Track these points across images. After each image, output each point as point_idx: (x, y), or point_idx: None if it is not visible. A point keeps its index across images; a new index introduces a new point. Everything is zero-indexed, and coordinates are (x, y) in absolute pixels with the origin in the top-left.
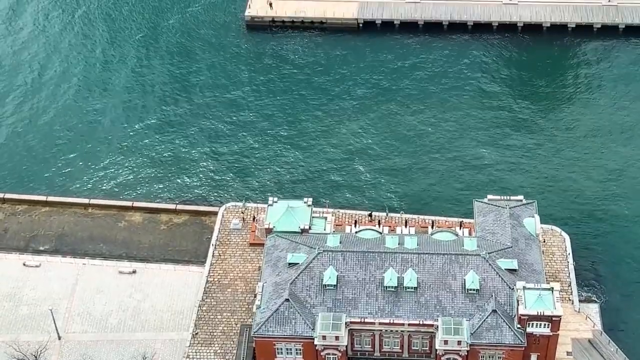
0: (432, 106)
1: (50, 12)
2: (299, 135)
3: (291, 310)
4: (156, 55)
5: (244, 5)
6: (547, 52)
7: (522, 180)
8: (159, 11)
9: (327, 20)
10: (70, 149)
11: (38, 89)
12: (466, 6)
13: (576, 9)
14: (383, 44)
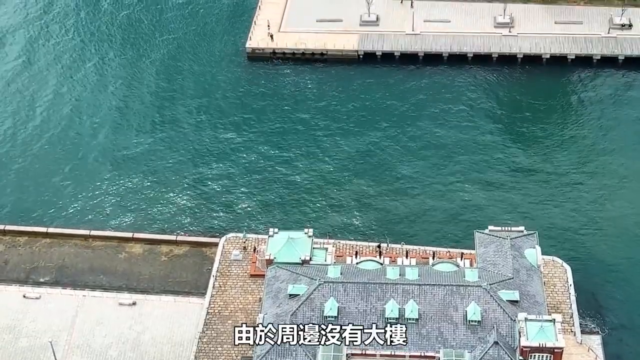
0: (434, 137)
1: (40, 40)
2: (299, 166)
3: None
4: (156, 86)
5: (245, 37)
6: (547, 83)
7: (523, 210)
8: (159, 41)
9: (327, 51)
10: (71, 180)
11: (33, 119)
12: (466, 38)
13: (575, 41)
14: (383, 75)
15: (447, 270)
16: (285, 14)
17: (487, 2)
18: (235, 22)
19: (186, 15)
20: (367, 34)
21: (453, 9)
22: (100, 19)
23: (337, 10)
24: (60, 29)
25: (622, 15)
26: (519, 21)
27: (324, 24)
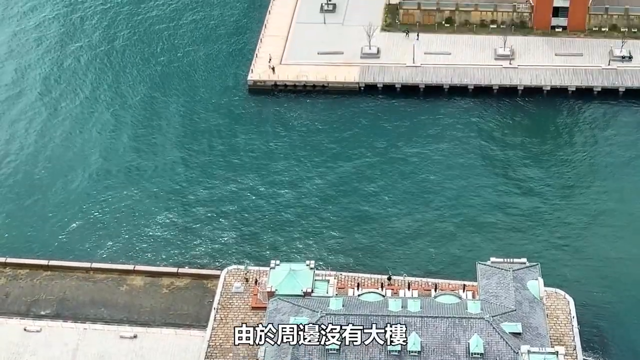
0: (433, 168)
1: (33, 70)
2: (299, 197)
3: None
4: (157, 118)
5: (247, 70)
6: (548, 114)
7: (525, 242)
8: (160, 73)
9: (329, 84)
10: (71, 213)
11: (30, 150)
12: (466, 70)
13: (576, 73)
14: (384, 107)
15: (450, 303)
16: (287, 47)
17: (487, 35)
18: (237, 55)
19: (188, 48)
20: (368, 66)
21: (453, 42)
22: (99, 50)
23: (338, 43)
24: (57, 60)
25: (622, 48)
26: (519, 53)
27: (325, 56)
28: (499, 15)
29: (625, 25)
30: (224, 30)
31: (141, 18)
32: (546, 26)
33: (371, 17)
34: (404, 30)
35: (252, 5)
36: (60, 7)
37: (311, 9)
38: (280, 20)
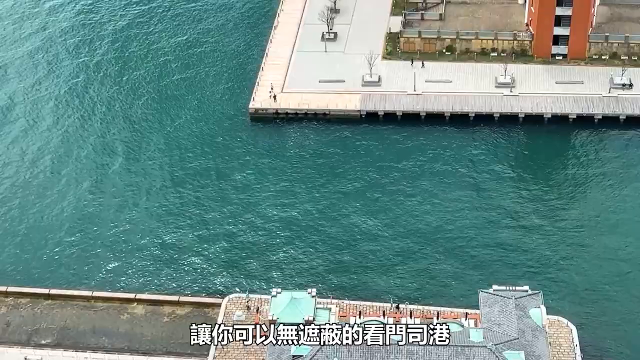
0: (433, 196)
1: (40, 105)
2: (301, 225)
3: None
4: (158, 146)
5: (249, 98)
6: (549, 142)
7: (527, 270)
8: (161, 101)
9: (330, 111)
10: (72, 241)
11: (33, 178)
12: (467, 97)
13: (577, 100)
14: (385, 134)
15: (452, 331)
16: (288, 75)
17: (488, 63)
18: (238, 83)
19: (189, 76)
20: (369, 94)
21: (454, 69)
22: (104, 78)
23: (339, 71)
24: (51, 90)
25: (623, 75)
26: (520, 81)
27: (326, 84)
28: (500, 43)
29: (625, 53)
30: (226, 58)
31: (142, 46)
32: (547, 54)
33: (372, 45)
34: (409, 59)
35: (253, 33)
36: (55, 36)
37: (312, 37)
38: (282, 48)
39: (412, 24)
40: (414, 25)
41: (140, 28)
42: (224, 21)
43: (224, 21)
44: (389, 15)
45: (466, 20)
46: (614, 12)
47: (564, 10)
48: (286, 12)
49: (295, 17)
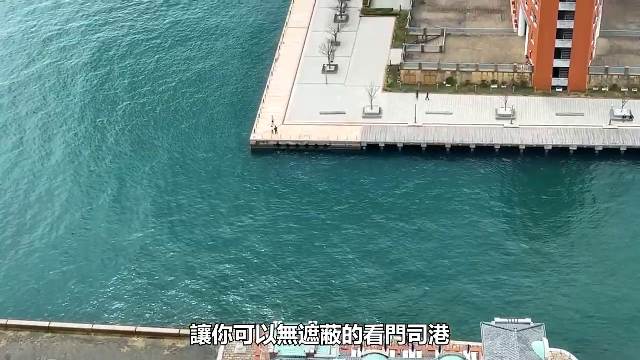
0: (436, 228)
1: (39, 133)
2: (302, 257)
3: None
4: (159, 178)
5: (250, 130)
6: (550, 174)
7: (529, 302)
8: (162, 132)
9: (331, 143)
10: (72, 274)
11: (30, 209)
12: (468, 129)
13: (577, 132)
14: (386, 166)
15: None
16: (289, 107)
17: (488, 95)
18: (239, 116)
19: (191, 108)
20: (370, 126)
21: (455, 102)
22: (102, 108)
23: (340, 103)
24: (65, 124)
25: (623, 107)
26: (520, 113)
27: (327, 116)
28: (500, 75)
29: (625, 85)
30: (227, 90)
31: (142, 78)
32: (547, 86)
33: (373, 77)
34: (414, 91)
35: (254, 66)
36: (55, 59)
37: (313, 69)
38: (283, 81)
39: (413, 56)
40: (415, 57)
41: (141, 60)
42: (225, 54)
43: (225, 54)
44: (390, 48)
45: (466, 53)
46: (614, 45)
47: (563, 42)
48: (287, 45)
49: (296, 49)
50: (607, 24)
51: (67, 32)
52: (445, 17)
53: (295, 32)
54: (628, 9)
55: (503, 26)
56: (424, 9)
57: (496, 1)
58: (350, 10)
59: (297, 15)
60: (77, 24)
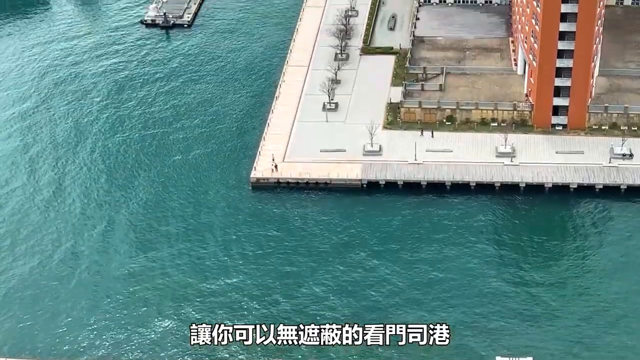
0: (434, 266)
1: (39, 175)
2: (302, 295)
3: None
4: (159, 214)
5: (250, 167)
6: (550, 212)
7: (530, 340)
8: (163, 170)
9: (331, 181)
10: (64, 311)
11: (18, 245)
12: (468, 167)
13: (577, 170)
14: (386, 204)
15: None
16: (290, 144)
17: (488, 133)
18: (240, 153)
19: (191, 145)
20: (370, 163)
21: (455, 139)
22: (102, 147)
23: (340, 141)
24: (70, 166)
25: (623, 146)
26: (520, 151)
27: (327, 154)
28: (500, 113)
29: (625, 123)
30: (227, 128)
31: (143, 118)
32: (546, 124)
33: (373, 115)
34: (418, 129)
35: (254, 103)
36: (52, 98)
37: (313, 107)
38: (283, 118)
39: (413, 94)
40: (415, 95)
41: (142, 100)
42: (226, 92)
43: (226, 91)
44: (390, 86)
45: (466, 91)
46: (613, 83)
47: (563, 81)
48: (288, 82)
49: (297, 88)
50: (606, 63)
51: (61, 68)
52: (445, 55)
53: (295, 70)
54: (627, 48)
55: (502, 65)
56: (424, 48)
57: (495, 40)
58: (351, 49)
59: (297, 54)
60: (74, 59)
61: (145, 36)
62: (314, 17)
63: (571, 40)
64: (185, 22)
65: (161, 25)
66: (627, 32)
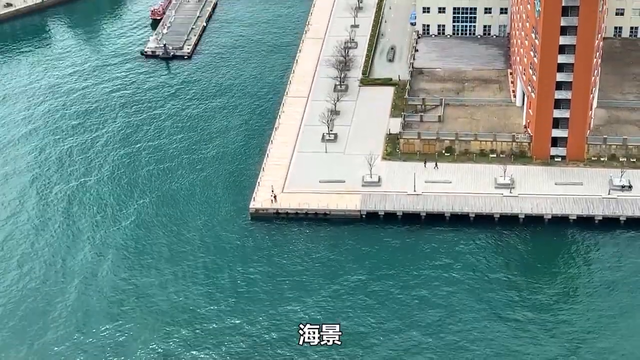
0: (432, 299)
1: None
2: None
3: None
4: (158, 245)
5: (250, 198)
6: (549, 243)
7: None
8: (161, 200)
9: (330, 212)
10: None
11: (18, 282)
12: (467, 198)
13: (577, 201)
14: (386, 235)
15: None
16: (289, 175)
17: (487, 164)
18: (239, 183)
19: (190, 175)
20: (369, 194)
21: (454, 170)
22: (103, 179)
23: (339, 172)
24: (64, 193)
25: (622, 177)
26: (519, 182)
27: (326, 184)
28: (499, 145)
29: (624, 155)
30: (227, 158)
31: (142, 148)
32: (545, 156)
33: (372, 146)
34: (422, 160)
35: (254, 134)
36: (55, 135)
37: (313, 138)
38: (283, 149)
39: (412, 125)
40: (414, 126)
41: (141, 130)
42: (225, 122)
43: (226, 122)
44: (389, 117)
45: (465, 122)
46: (612, 115)
47: (561, 112)
48: (287, 113)
49: (296, 118)
50: (605, 95)
51: (59, 98)
52: (444, 86)
53: (295, 101)
54: (625, 80)
55: (501, 96)
56: (423, 79)
57: (494, 72)
58: (350, 80)
59: (297, 85)
60: (73, 89)
61: (145, 67)
62: (313, 49)
63: (570, 72)
64: (185, 53)
65: (161, 57)
66: (625, 64)
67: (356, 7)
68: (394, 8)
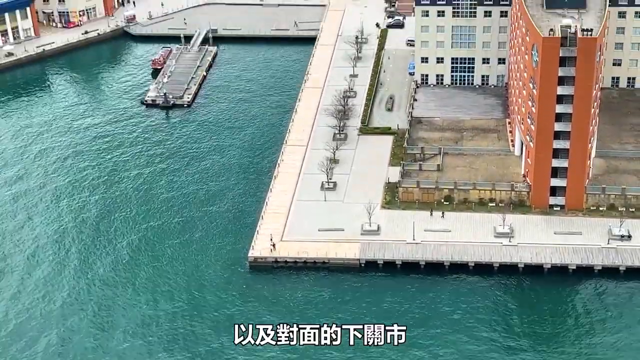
0: (431, 349)
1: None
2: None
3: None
4: (155, 295)
5: (248, 247)
6: (549, 293)
7: None
8: (158, 250)
9: (329, 260)
10: None
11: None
12: (466, 247)
13: (576, 251)
14: (385, 284)
15: None
16: (288, 223)
17: (486, 213)
18: (238, 232)
19: (188, 224)
20: (368, 243)
21: (453, 219)
22: (105, 225)
23: (338, 220)
24: (64, 243)
25: (621, 227)
26: (518, 231)
27: (325, 233)
28: (498, 194)
29: (623, 204)
30: (225, 207)
31: (141, 198)
32: (544, 205)
33: (371, 195)
34: (422, 209)
35: (253, 182)
36: (44, 184)
37: (312, 186)
38: (281, 197)
39: (411, 174)
40: (413, 175)
41: (140, 180)
42: (224, 170)
43: (225, 170)
44: (388, 166)
45: (464, 171)
46: (610, 165)
47: (560, 162)
48: (286, 162)
49: (295, 167)
50: (603, 144)
51: (59, 147)
52: (442, 136)
53: (294, 149)
54: (623, 130)
55: (500, 145)
56: (421, 128)
57: (492, 121)
58: (349, 129)
59: (296, 134)
60: (72, 138)
61: (145, 116)
62: (312, 98)
63: (568, 122)
64: (185, 102)
65: (161, 106)
66: (623, 114)
67: (355, 57)
68: (392, 58)
